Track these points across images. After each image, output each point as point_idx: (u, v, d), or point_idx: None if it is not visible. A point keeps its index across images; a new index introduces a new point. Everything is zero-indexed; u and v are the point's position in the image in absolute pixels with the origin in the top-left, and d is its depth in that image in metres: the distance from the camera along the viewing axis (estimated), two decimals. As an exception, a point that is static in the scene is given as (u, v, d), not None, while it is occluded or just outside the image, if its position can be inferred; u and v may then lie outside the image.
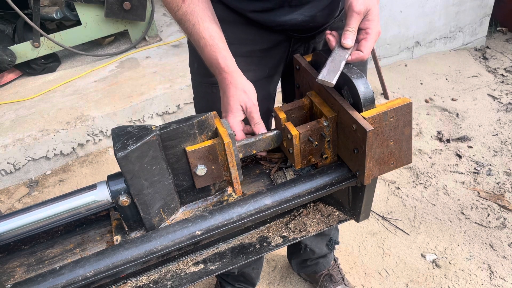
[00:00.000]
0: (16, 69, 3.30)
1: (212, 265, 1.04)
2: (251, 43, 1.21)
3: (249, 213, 0.94)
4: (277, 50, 1.25)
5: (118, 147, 0.80)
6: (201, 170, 0.91)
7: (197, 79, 1.32)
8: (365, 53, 0.96)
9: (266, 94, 1.31)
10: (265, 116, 1.35)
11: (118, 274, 0.97)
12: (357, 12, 0.95)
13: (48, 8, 3.41)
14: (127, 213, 0.89)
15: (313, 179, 0.99)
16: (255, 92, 1.05)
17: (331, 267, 1.98)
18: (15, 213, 0.86)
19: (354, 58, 0.96)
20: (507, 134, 2.82)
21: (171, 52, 3.40)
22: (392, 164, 0.97)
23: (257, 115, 1.04)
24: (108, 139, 2.92)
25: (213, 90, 1.26)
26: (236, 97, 1.03)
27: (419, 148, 2.79)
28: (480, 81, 3.40)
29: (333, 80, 0.92)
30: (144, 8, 3.31)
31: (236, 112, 1.03)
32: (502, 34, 4.03)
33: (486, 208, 2.34)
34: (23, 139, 2.69)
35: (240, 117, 1.04)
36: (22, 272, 0.91)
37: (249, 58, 1.20)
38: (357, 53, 0.96)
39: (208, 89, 1.28)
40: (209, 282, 2.09)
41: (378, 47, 3.50)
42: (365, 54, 0.96)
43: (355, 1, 0.96)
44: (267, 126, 1.40)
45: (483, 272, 2.03)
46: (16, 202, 2.65)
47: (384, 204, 2.44)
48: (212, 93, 1.27)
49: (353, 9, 0.96)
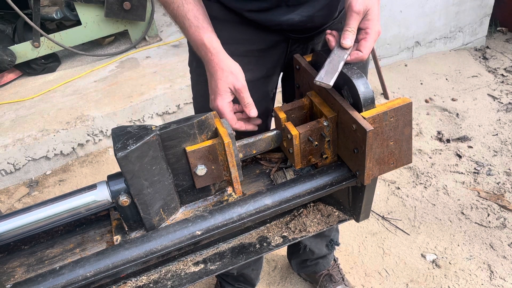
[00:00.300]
0: (16, 69, 3.30)
1: (212, 265, 1.04)
2: (248, 43, 1.20)
3: (249, 213, 0.94)
4: (275, 51, 1.24)
5: (118, 147, 0.80)
6: (201, 170, 0.91)
7: (195, 78, 1.32)
8: (365, 53, 0.96)
9: (264, 93, 1.30)
10: (264, 116, 1.35)
11: (118, 274, 0.97)
12: (356, 11, 0.95)
13: (48, 8, 3.41)
14: (127, 213, 0.90)
15: (313, 179, 0.99)
16: (242, 73, 1.04)
17: (331, 267, 1.98)
18: (15, 213, 0.87)
19: (354, 58, 0.96)
20: (507, 134, 2.82)
21: (171, 52, 3.40)
22: (392, 164, 0.97)
23: (246, 95, 1.03)
24: (108, 139, 2.92)
25: None
26: (224, 79, 1.02)
27: (419, 148, 2.79)
28: (480, 81, 3.40)
29: (331, 81, 0.92)
30: (144, 8, 3.31)
31: (224, 94, 1.03)
32: (502, 34, 4.03)
33: (486, 208, 2.34)
34: (23, 139, 2.69)
35: (229, 99, 1.04)
36: (22, 272, 0.91)
37: (247, 58, 1.20)
38: (357, 53, 0.96)
39: (206, 88, 1.28)
40: (209, 282, 2.08)
41: (378, 47, 3.50)
42: (364, 54, 0.96)
43: (355, 1, 0.95)
44: (266, 126, 1.41)
45: (483, 272, 2.03)
46: (16, 202, 2.65)
47: (384, 204, 2.44)
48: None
49: (352, 9, 0.95)
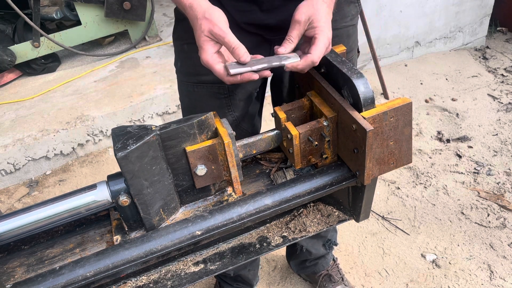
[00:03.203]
0: (16, 69, 3.30)
1: (212, 265, 1.04)
2: None
3: (249, 213, 0.94)
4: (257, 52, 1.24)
5: (118, 147, 0.80)
6: (201, 170, 0.91)
7: (180, 78, 1.32)
8: (314, 56, 0.94)
9: (247, 93, 1.30)
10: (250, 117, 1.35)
11: (118, 274, 0.97)
12: (297, 21, 0.95)
13: (48, 8, 3.41)
14: (127, 213, 0.90)
15: (313, 179, 0.99)
16: (221, 16, 0.94)
17: (330, 267, 1.98)
18: (15, 213, 0.87)
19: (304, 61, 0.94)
20: (507, 134, 2.82)
21: (171, 52, 3.40)
22: (392, 164, 0.97)
23: (230, 39, 0.91)
24: (108, 139, 2.92)
25: (195, 89, 1.26)
26: (200, 28, 0.93)
27: (419, 148, 2.79)
28: (480, 81, 3.40)
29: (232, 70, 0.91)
30: (144, 8, 3.31)
31: (205, 45, 0.94)
32: (502, 34, 4.03)
33: (486, 208, 2.34)
34: (23, 139, 2.69)
35: (213, 49, 0.94)
36: (22, 272, 0.91)
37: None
38: (306, 56, 0.95)
39: (190, 88, 1.28)
40: (209, 282, 2.08)
41: (378, 47, 3.51)
42: (314, 56, 0.94)
43: (297, 11, 0.96)
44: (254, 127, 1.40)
45: (483, 272, 2.03)
46: (16, 202, 2.65)
47: (384, 204, 2.44)
48: (194, 92, 1.27)
49: (293, 18, 0.96)
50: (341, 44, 1.09)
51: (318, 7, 0.96)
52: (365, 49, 3.29)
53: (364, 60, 3.56)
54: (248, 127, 1.37)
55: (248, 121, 1.35)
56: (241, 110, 1.30)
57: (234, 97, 1.26)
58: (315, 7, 0.96)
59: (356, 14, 1.30)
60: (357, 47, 1.38)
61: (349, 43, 1.29)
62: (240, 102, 1.28)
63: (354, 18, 1.29)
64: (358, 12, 1.32)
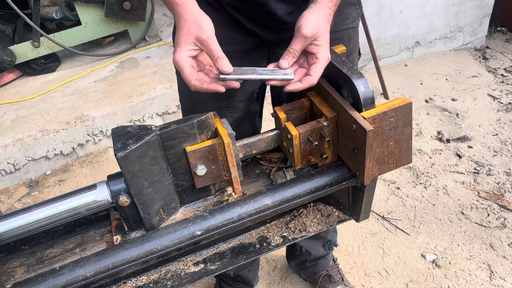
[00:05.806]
0: (16, 69, 3.30)
1: (212, 265, 1.04)
2: (231, 42, 1.19)
3: (249, 213, 0.94)
4: (256, 53, 1.24)
5: (118, 147, 0.80)
6: (201, 170, 0.91)
7: (180, 78, 1.31)
8: (315, 78, 0.95)
9: (247, 94, 1.30)
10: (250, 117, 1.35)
11: (118, 274, 0.97)
12: (304, 35, 0.94)
13: (48, 8, 3.41)
14: (127, 213, 0.90)
15: (313, 179, 0.99)
16: (210, 23, 0.93)
17: (330, 267, 1.98)
18: (15, 213, 0.87)
19: (305, 84, 0.95)
20: (507, 134, 2.82)
21: (171, 52, 3.39)
22: (392, 164, 0.97)
23: (215, 48, 0.90)
24: (108, 139, 2.92)
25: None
26: (186, 29, 0.91)
27: (419, 148, 2.79)
28: (480, 81, 3.40)
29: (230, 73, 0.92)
30: (144, 8, 3.31)
31: (184, 45, 0.91)
32: (502, 34, 4.03)
33: (486, 208, 2.34)
34: (23, 139, 2.69)
35: (189, 52, 0.92)
36: (22, 272, 0.91)
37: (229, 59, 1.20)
38: (307, 78, 0.95)
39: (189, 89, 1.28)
40: (209, 282, 2.08)
41: (378, 47, 3.51)
42: (314, 79, 0.95)
43: (305, 24, 0.94)
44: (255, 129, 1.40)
45: (483, 272, 2.03)
46: (16, 202, 2.65)
47: (384, 204, 2.44)
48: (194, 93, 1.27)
49: (300, 32, 0.94)
50: (341, 44, 1.09)
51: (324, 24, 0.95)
52: (365, 49, 3.29)
53: (364, 60, 3.56)
54: (248, 128, 1.36)
55: (248, 122, 1.35)
56: (241, 112, 1.30)
57: (234, 98, 1.26)
58: (321, 22, 0.95)
59: (357, 16, 1.30)
60: (358, 50, 1.37)
61: (349, 46, 1.29)
62: (240, 104, 1.28)
63: (355, 20, 1.29)
64: (359, 15, 1.31)
